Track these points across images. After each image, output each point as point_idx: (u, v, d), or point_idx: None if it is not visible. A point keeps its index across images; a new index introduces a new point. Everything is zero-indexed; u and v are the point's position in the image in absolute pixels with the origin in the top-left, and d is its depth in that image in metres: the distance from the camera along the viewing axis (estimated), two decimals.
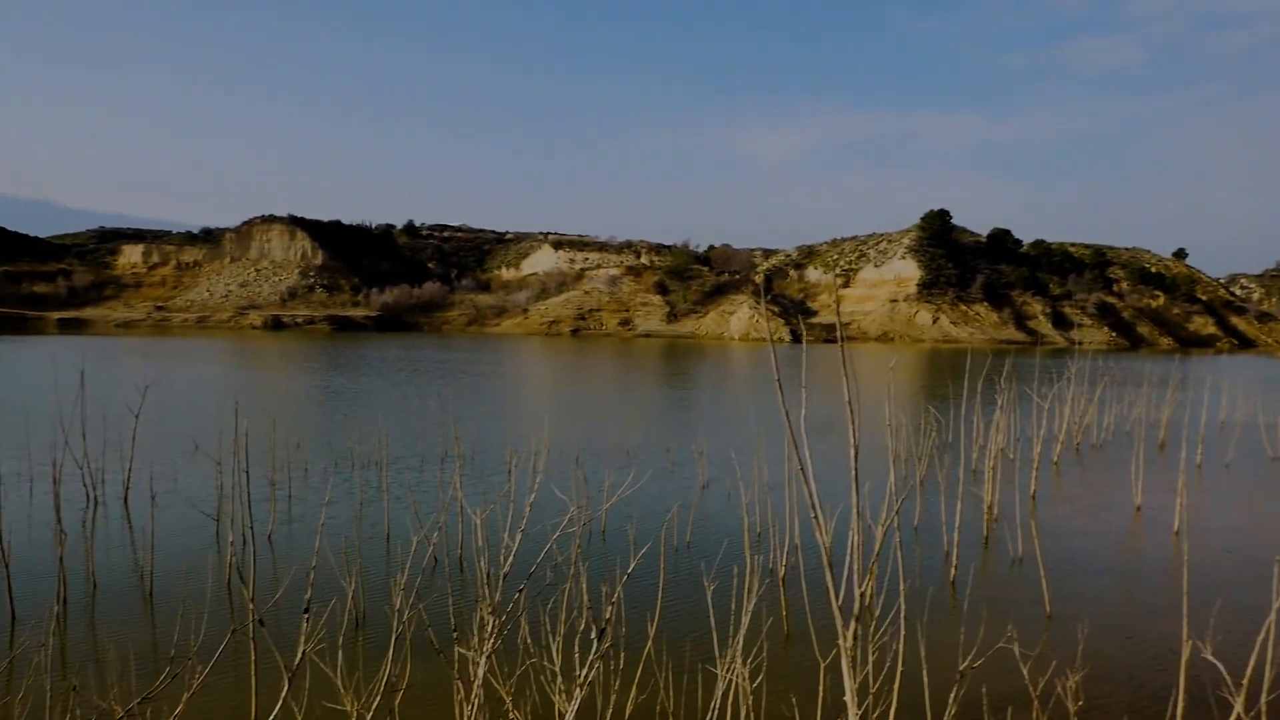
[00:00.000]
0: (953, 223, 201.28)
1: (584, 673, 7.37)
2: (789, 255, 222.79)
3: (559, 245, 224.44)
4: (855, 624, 6.78)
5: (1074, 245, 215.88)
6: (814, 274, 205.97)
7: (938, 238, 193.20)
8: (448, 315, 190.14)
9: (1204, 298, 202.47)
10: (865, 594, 7.23)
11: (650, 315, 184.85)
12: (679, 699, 11.72)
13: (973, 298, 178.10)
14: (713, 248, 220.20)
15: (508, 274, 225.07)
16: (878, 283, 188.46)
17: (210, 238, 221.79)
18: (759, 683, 10.02)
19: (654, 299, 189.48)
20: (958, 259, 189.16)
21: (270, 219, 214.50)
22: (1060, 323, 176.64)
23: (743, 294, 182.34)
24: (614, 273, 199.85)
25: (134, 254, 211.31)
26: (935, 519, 25.13)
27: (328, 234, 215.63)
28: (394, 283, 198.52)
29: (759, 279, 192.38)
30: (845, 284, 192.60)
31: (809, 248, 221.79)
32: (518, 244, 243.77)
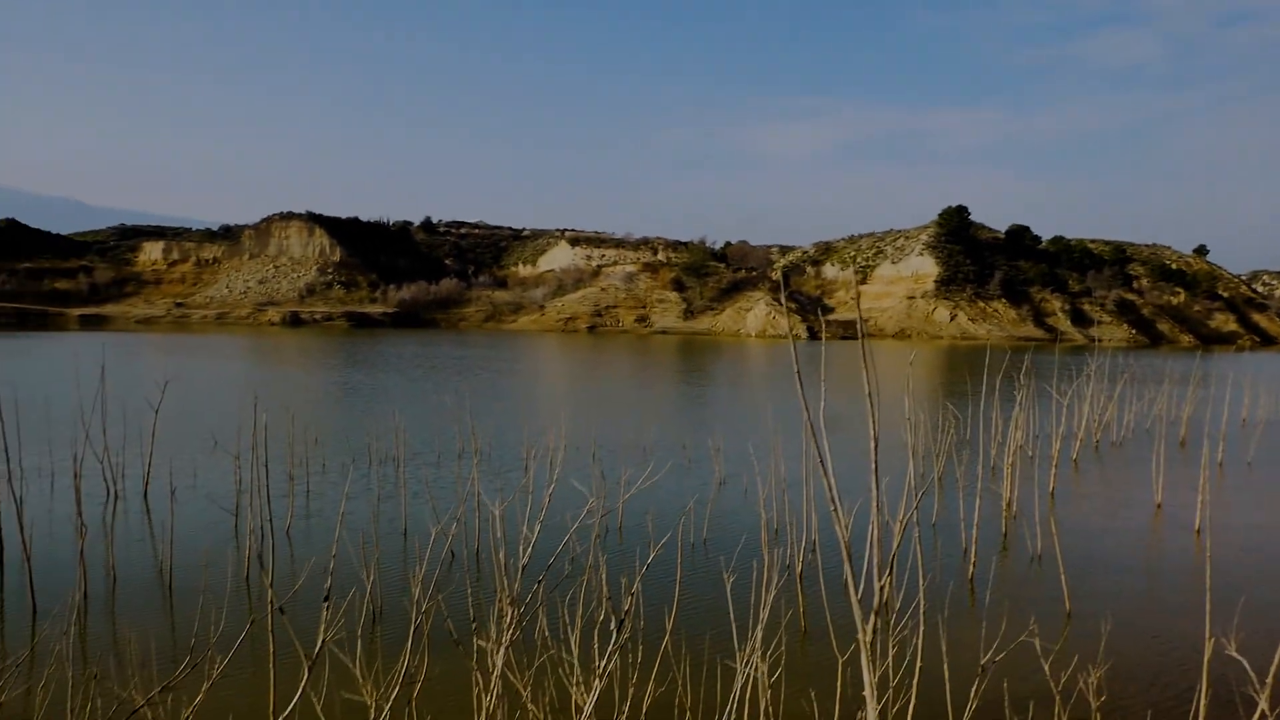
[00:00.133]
0: (971, 219, 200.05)
1: (603, 663, 7.35)
2: (806, 252, 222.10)
3: (576, 242, 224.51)
4: (875, 618, 6.74)
5: (1093, 241, 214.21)
6: (831, 271, 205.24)
7: (956, 234, 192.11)
8: (465, 312, 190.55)
9: (1225, 294, 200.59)
10: (884, 588, 7.18)
11: (667, 312, 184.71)
12: (696, 693, 11.70)
13: (991, 294, 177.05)
14: (729, 244, 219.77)
15: (524, 271, 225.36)
16: (895, 279, 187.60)
17: (229, 234, 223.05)
18: (777, 676, 9.98)
19: (670, 296, 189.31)
20: (976, 255, 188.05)
21: (289, 216, 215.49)
22: (1079, 320, 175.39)
23: (759, 290, 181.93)
24: (631, 269, 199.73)
25: (154, 251, 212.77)
26: (954, 516, 24.99)
27: (346, 231, 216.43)
28: (411, 279, 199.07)
29: (776, 276, 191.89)
30: (862, 280, 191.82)
31: (826, 244, 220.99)
32: (535, 241, 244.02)
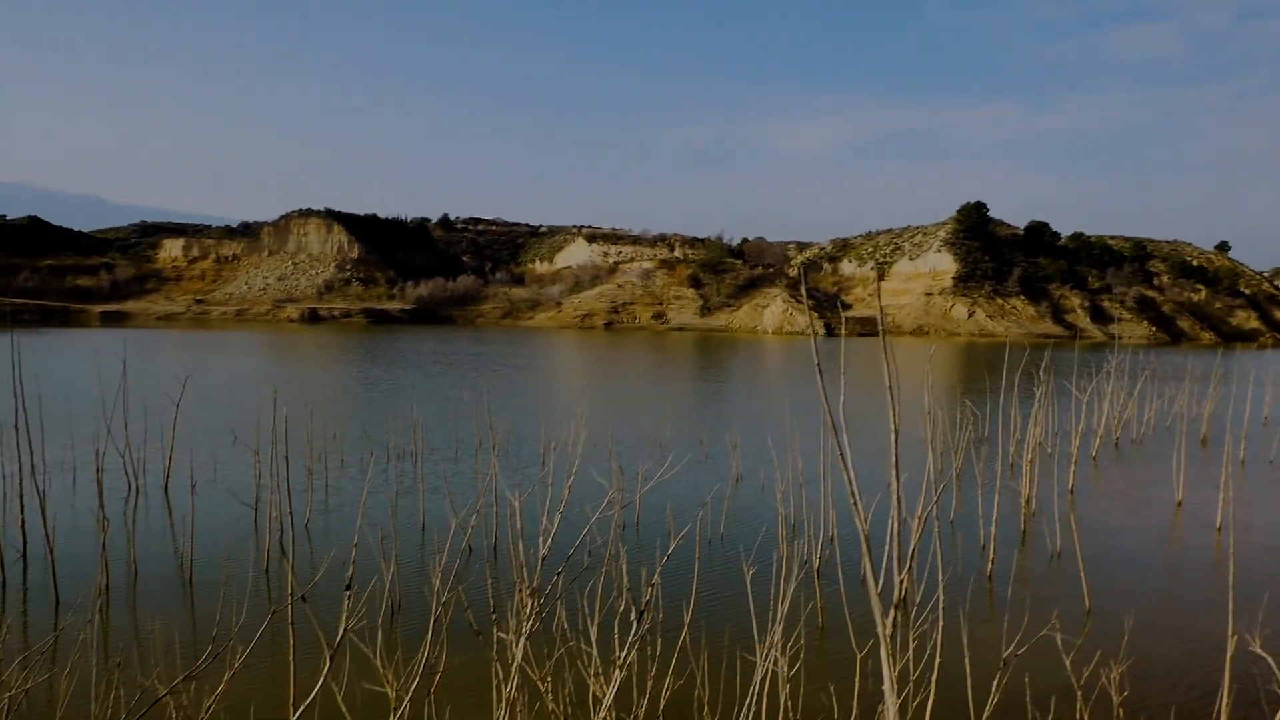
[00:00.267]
0: (989, 215, 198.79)
1: (623, 654, 7.36)
2: (823, 248, 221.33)
3: (593, 238, 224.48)
4: (895, 611, 6.72)
5: (1113, 238, 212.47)
6: (848, 267, 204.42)
7: (974, 230, 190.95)
8: (482, 308, 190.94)
9: (1247, 291, 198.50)
10: (903, 582, 7.16)
11: (683, 309, 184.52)
12: (715, 687, 11.70)
13: (1009, 291, 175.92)
14: (746, 241, 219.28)
15: (541, 267, 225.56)
16: (913, 276, 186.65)
17: (249, 231, 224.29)
18: (796, 671, 9.97)
19: (687, 292, 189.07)
20: (994, 252, 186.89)
21: (307, 212, 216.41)
22: (1099, 316, 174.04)
23: (776, 287, 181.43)
24: (647, 266, 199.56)
25: (174, 248, 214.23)
26: (972, 512, 24.90)
27: (364, 227, 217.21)
28: (429, 276, 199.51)
29: (793, 272, 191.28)
30: (880, 277, 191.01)
31: (843, 241, 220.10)
32: (551, 237, 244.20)
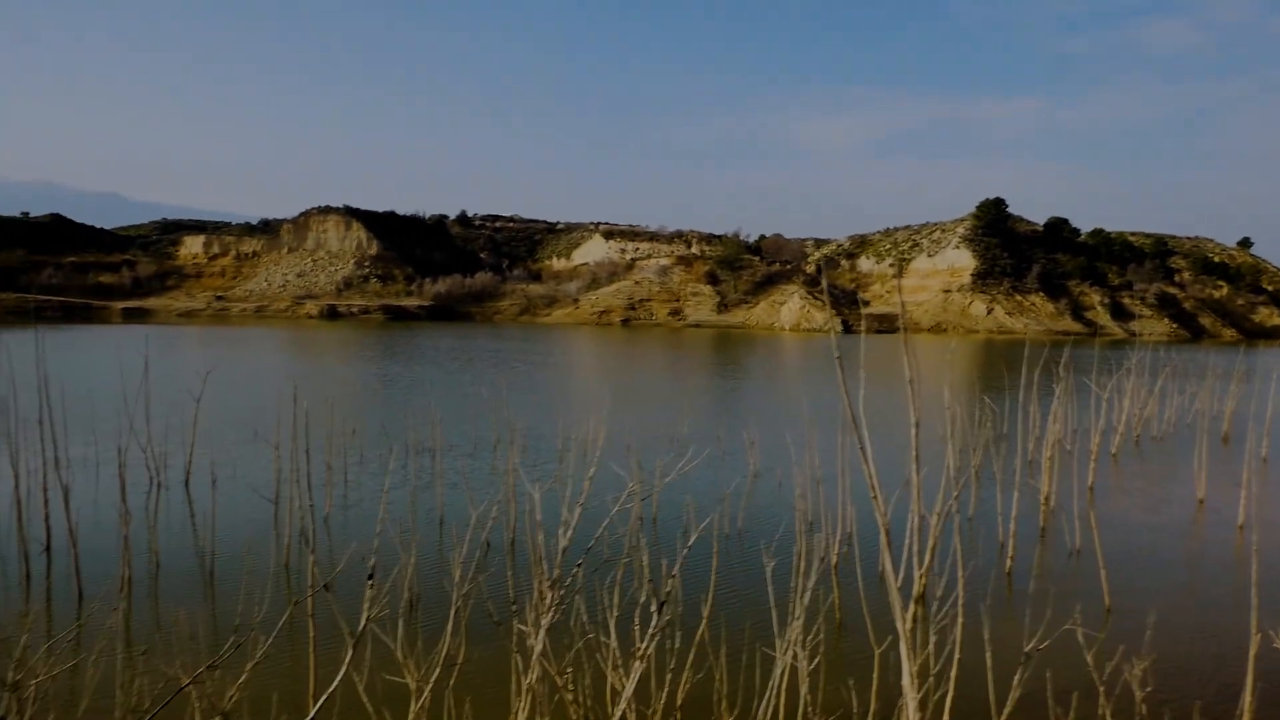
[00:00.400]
0: (1008, 211, 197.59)
1: (644, 645, 7.38)
2: (841, 245, 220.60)
3: (610, 235, 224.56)
4: (914, 605, 6.71)
5: (1134, 234, 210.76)
6: (866, 264, 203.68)
7: (993, 227, 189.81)
8: (499, 305, 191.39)
9: (1270, 288, 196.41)
10: (923, 576, 7.14)
11: (701, 305, 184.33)
12: (734, 681, 11.71)
13: (1028, 288, 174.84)
14: (764, 237, 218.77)
15: (559, 264, 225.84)
16: (931, 273, 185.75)
17: (268, 228, 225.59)
18: (815, 665, 9.96)
19: (704, 289, 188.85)
20: (1013, 248, 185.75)
21: (326, 210, 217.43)
22: (1119, 314, 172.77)
23: (794, 284, 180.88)
24: (664, 263, 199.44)
25: (195, 245, 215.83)
26: (990, 510, 24.79)
27: (382, 224, 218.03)
28: (447, 273, 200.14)
29: (810, 269, 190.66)
30: (898, 274, 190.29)
31: (861, 237, 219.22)
32: (569, 234, 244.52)
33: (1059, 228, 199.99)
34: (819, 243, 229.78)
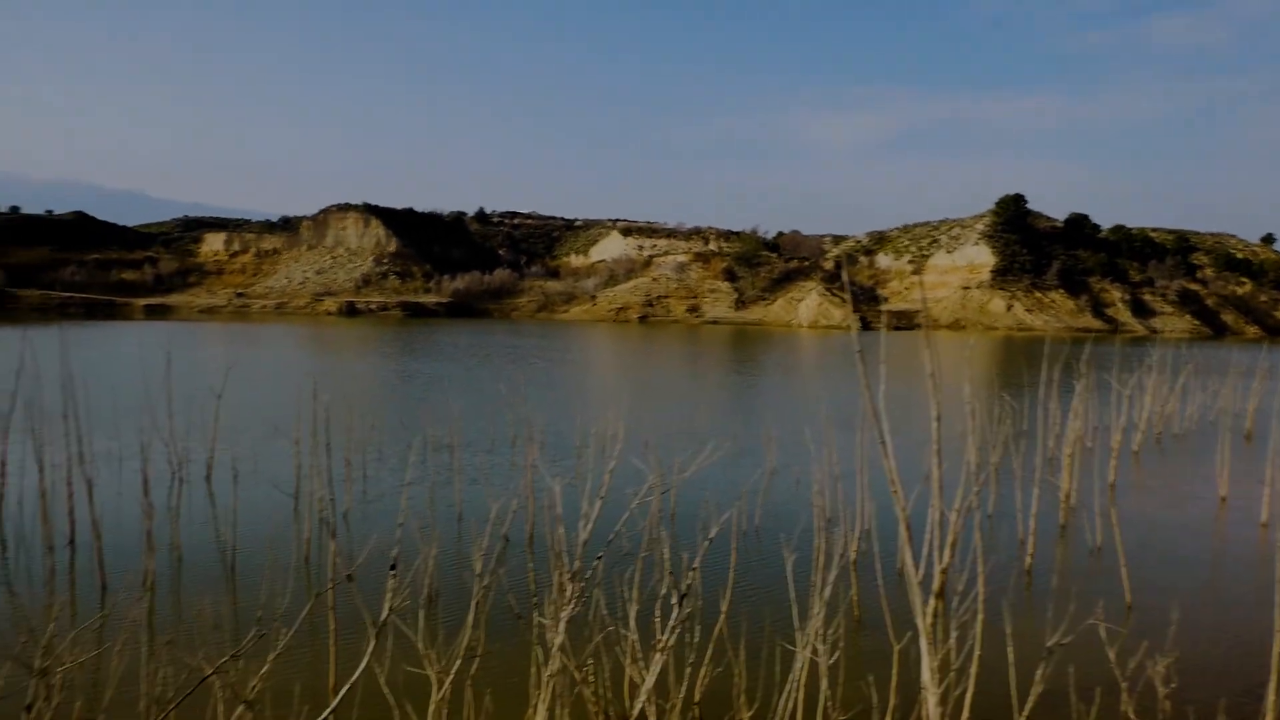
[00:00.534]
0: (1028, 208, 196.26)
1: (665, 637, 7.40)
2: (859, 241, 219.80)
3: (627, 232, 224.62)
4: (934, 600, 6.70)
5: (1155, 230, 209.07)
6: (884, 260, 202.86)
7: (1012, 223, 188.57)
8: (517, 302, 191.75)
9: None
10: (944, 571, 7.13)
11: (718, 302, 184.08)
12: (753, 675, 11.71)
13: (1048, 285, 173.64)
14: (781, 234, 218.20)
15: (576, 261, 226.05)
16: (950, 269, 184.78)
17: (288, 226, 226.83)
18: (835, 660, 9.96)
19: (722, 286, 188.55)
20: (1033, 245, 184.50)
21: (346, 207, 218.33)
22: (1140, 310, 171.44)
23: (812, 281, 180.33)
24: (682, 259, 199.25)
25: (216, 242, 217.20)
26: (1010, 507, 24.66)
27: (401, 221, 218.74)
28: (465, 269, 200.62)
29: (828, 265, 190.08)
30: (916, 270, 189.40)
31: (880, 234, 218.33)
32: (587, 231, 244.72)
33: (1079, 224, 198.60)
34: (837, 239, 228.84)
